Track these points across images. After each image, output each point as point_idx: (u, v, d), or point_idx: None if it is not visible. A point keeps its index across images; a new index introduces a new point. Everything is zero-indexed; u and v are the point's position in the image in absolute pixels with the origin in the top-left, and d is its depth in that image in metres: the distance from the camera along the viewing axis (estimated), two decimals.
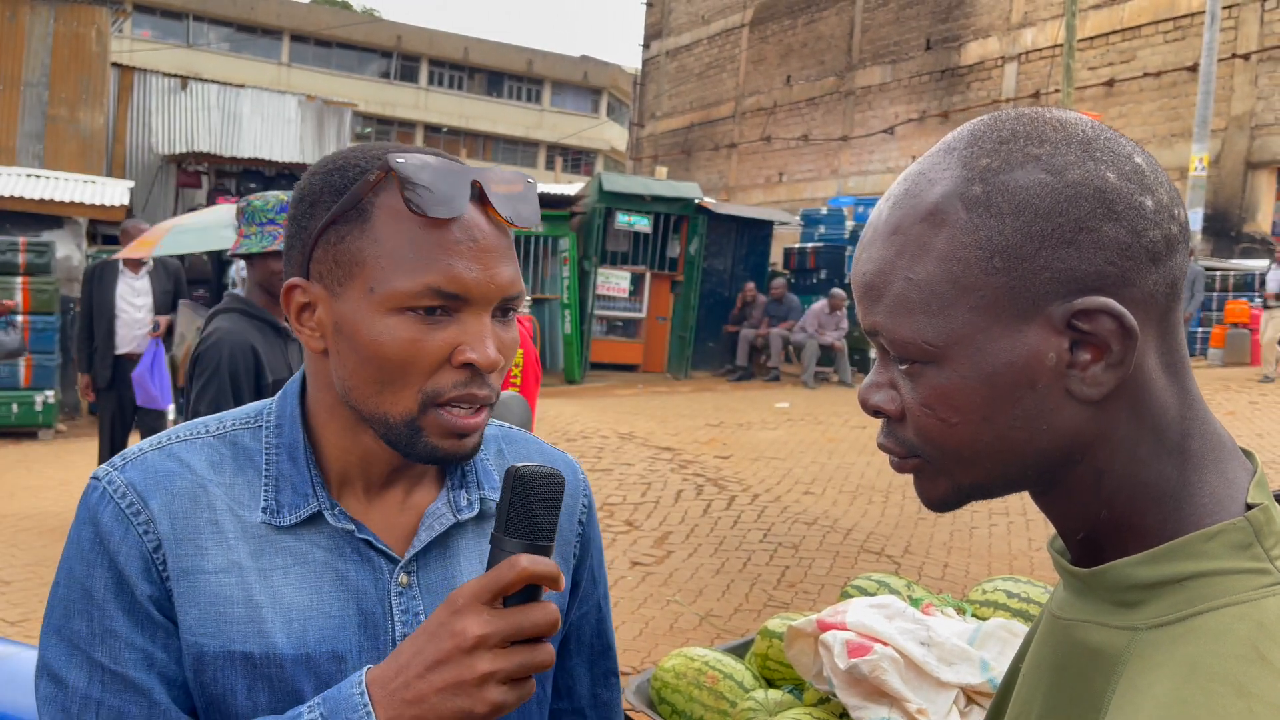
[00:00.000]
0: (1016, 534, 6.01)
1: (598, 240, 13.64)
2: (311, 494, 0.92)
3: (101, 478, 0.90)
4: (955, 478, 0.71)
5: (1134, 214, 0.64)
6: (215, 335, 2.71)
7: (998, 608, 2.25)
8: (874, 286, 0.70)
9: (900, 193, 0.70)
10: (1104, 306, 0.63)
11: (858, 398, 0.74)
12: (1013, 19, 18.71)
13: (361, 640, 0.91)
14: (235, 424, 0.95)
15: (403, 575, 0.93)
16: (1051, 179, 0.64)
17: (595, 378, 13.67)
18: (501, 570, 0.78)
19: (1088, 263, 0.63)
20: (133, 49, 28.65)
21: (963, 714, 1.90)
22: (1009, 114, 0.69)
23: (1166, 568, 0.63)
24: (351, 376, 0.89)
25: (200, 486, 0.91)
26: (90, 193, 11.81)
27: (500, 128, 40.20)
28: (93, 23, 14.74)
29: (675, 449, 8.30)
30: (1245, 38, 15.69)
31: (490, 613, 0.78)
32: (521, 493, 0.80)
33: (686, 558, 5.63)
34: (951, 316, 0.66)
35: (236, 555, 0.89)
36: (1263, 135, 15.50)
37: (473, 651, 0.77)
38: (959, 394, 0.67)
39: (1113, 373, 0.64)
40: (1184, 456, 0.66)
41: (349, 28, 37.75)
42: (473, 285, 0.86)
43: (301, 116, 18.13)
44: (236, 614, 0.88)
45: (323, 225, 0.89)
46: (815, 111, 22.54)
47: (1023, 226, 0.64)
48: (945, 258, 0.66)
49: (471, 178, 0.88)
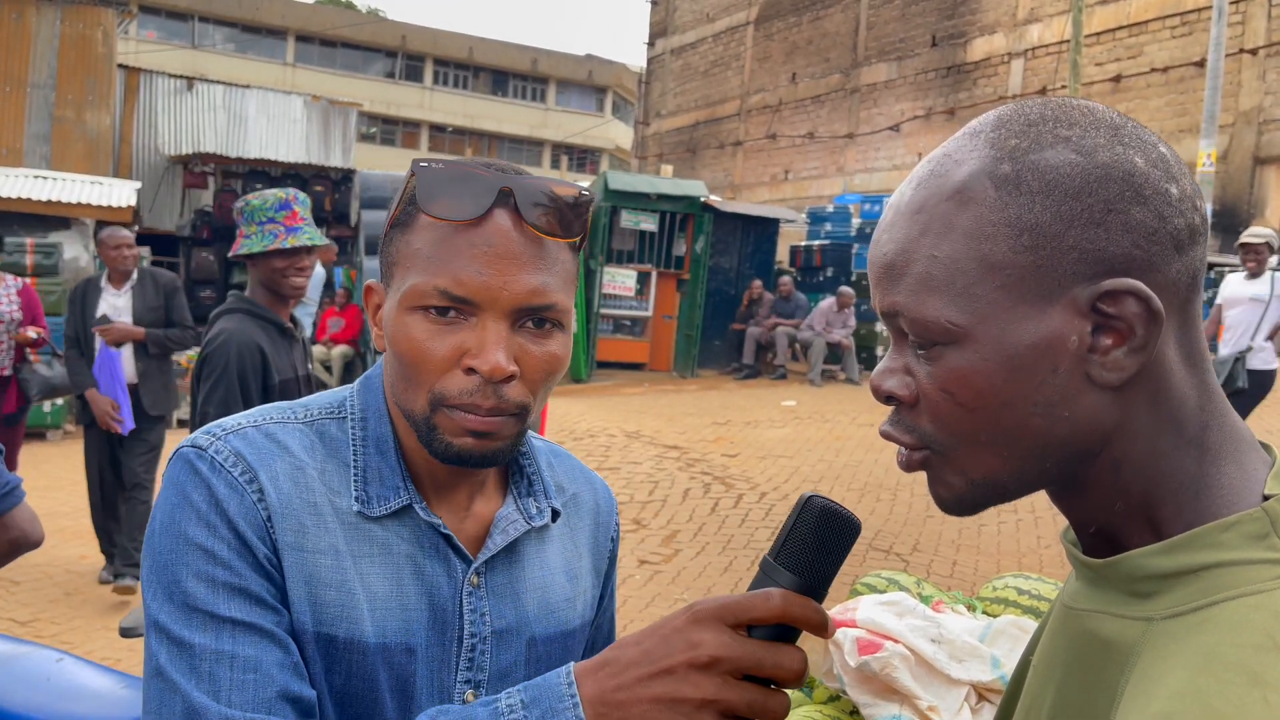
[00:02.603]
0: (1026, 531, 5.99)
1: (603, 239, 13.64)
2: (402, 487, 0.93)
3: (206, 447, 0.89)
4: (968, 472, 0.69)
5: (1161, 200, 0.63)
6: (222, 336, 2.71)
7: (1008, 604, 2.24)
8: (895, 266, 0.69)
9: (925, 173, 0.69)
10: (1131, 288, 0.62)
11: (870, 384, 0.73)
12: (1019, 15, 18.65)
13: (430, 635, 0.92)
14: (320, 413, 0.96)
15: (474, 576, 0.95)
16: (1081, 159, 0.63)
17: (602, 376, 13.66)
18: (756, 599, 0.71)
19: (1115, 245, 0.62)
20: (138, 50, 28.74)
21: (974, 711, 1.89)
22: (1034, 101, 0.69)
23: (1182, 558, 0.63)
24: (390, 372, 0.94)
25: (299, 468, 0.91)
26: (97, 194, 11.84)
27: (505, 127, 40.22)
28: (99, 24, 14.77)
29: (682, 447, 8.29)
30: (1253, 33, 15.62)
31: (733, 636, 0.70)
32: (813, 526, 0.72)
33: (694, 556, 5.63)
34: (976, 295, 0.65)
35: (334, 539, 0.90)
36: (1271, 130, 15.44)
37: (705, 669, 0.70)
38: (979, 376, 0.65)
39: (1135, 358, 0.63)
40: (1203, 448, 0.66)
41: (354, 28, 37.79)
42: (480, 289, 0.86)
43: (307, 116, 18.17)
44: (330, 596, 0.88)
45: (385, 230, 0.94)
46: (821, 109, 22.51)
47: (1052, 205, 0.63)
48: (972, 235, 0.65)
49: (502, 184, 0.88)
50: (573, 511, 1.07)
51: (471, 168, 0.89)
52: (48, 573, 5.39)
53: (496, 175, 0.89)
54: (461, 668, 0.93)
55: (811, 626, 0.72)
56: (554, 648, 1.00)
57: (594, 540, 1.09)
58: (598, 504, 1.11)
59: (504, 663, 0.96)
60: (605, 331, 14.08)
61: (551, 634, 1.00)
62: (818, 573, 0.72)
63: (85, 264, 11.45)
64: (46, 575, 5.36)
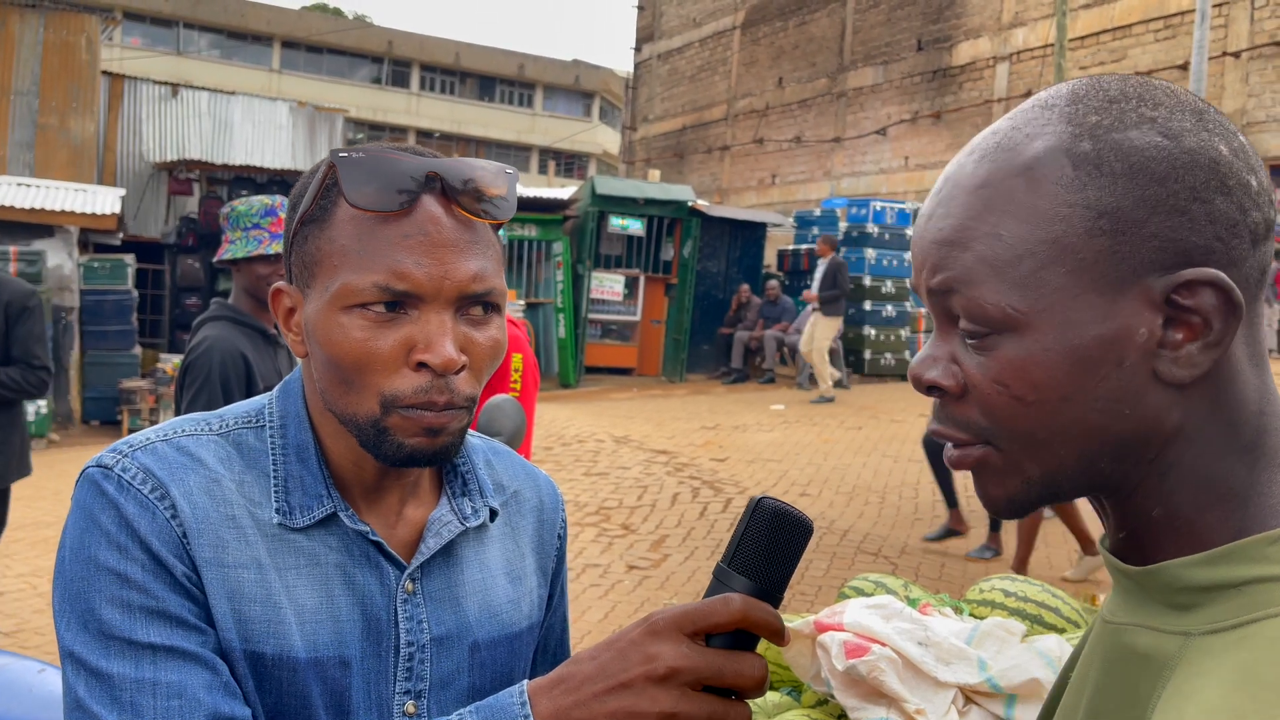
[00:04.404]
0: (1009, 533, 6.01)
1: (591, 244, 13.63)
2: (326, 495, 0.90)
3: (112, 465, 0.85)
4: (1025, 471, 0.64)
5: (1243, 191, 0.60)
6: (205, 344, 2.69)
7: (995, 606, 2.25)
8: (953, 243, 0.63)
9: (990, 145, 0.64)
10: (1212, 278, 0.58)
11: (909, 374, 0.67)
12: (1004, 19, 18.75)
13: (364, 646, 0.89)
14: (237, 422, 0.92)
15: (408, 582, 0.91)
16: (1168, 143, 0.60)
17: (590, 381, 13.65)
18: (714, 605, 0.69)
19: (1198, 235, 0.59)
20: (123, 57, 28.61)
21: (961, 713, 1.89)
22: (1113, 77, 0.65)
23: (1224, 571, 0.59)
24: (322, 378, 0.88)
25: (214, 480, 0.87)
26: (81, 201, 11.79)
27: (492, 132, 40.18)
28: (82, 31, 14.71)
29: (671, 452, 8.29)
30: (1235, 36, 15.74)
31: (691, 646, 0.69)
32: (765, 529, 0.70)
33: (683, 561, 5.62)
34: (1043, 280, 0.60)
35: (256, 552, 0.86)
36: (1254, 132, 15.55)
37: (662, 683, 0.68)
38: (1039, 368, 0.61)
39: (1209, 353, 0.59)
40: (1256, 454, 0.62)
41: (340, 33, 37.72)
42: (424, 281, 0.83)
43: (293, 123, 18.12)
44: (255, 612, 0.85)
45: (294, 227, 0.89)
46: (807, 113, 22.57)
47: (1136, 189, 0.59)
48: (1044, 215, 0.60)
49: (427, 169, 0.85)
50: (514, 510, 1.03)
51: (393, 154, 0.85)
52: (31, 583, 5.35)
53: (420, 160, 0.85)
54: (400, 678, 0.90)
55: (769, 632, 0.70)
56: (499, 652, 0.97)
57: (538, 539, 1.05)
58: (541, 501, 1.07)
59: (445, 670, 0.92)
60: (593, 336, 14.07)
61: (496, 638, 0.96)
62: (773, 576, 0.71)
63: (69, 272, 11.39)
64: (31, 586, 5.32)
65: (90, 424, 11.82)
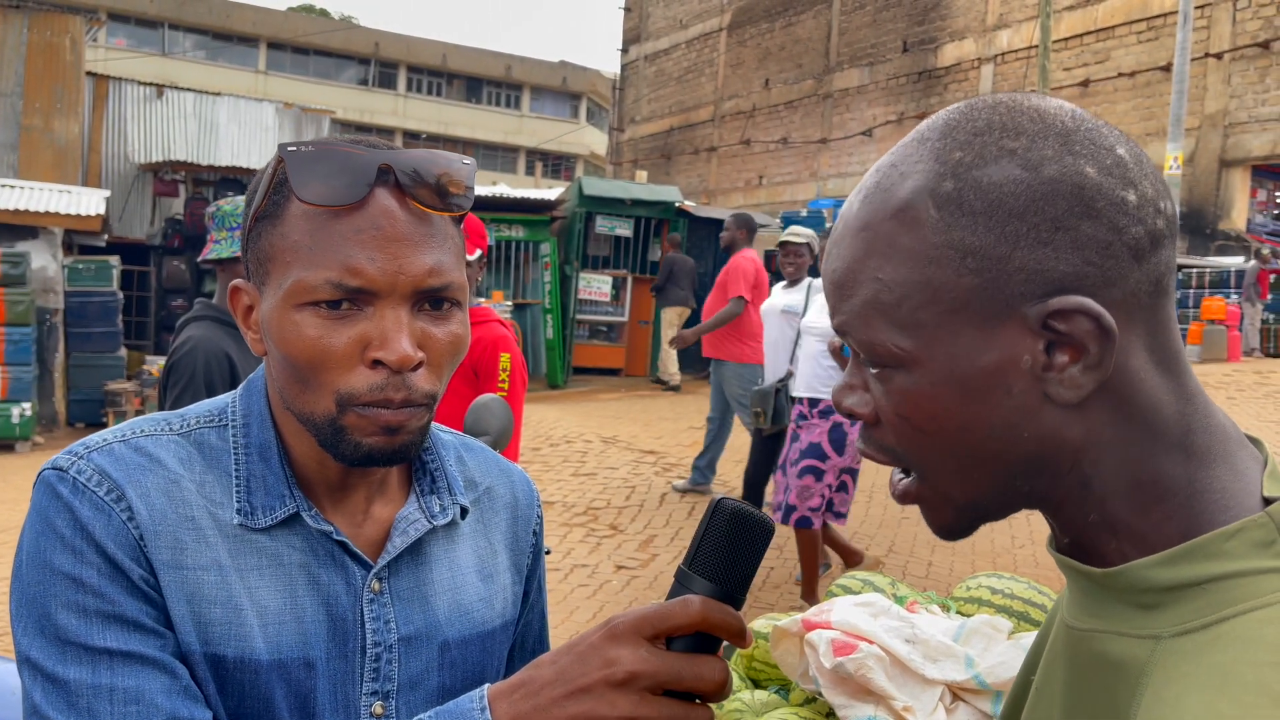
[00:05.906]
0: (999, 531, 6.03)
1: (579, 245, 13.62)
2: (288, 495, 0.88)
3: (67, 468, 0.83)
4: (952, 497, 0.67)
5: (1115, 210, 0.61)
6: (189, 343, 2.67)
7: (982, 604, 2.25)
8: (843, 285, 0.67)
9: (871, 185, 0.67)
10: (1079, 306, 0.60)
11: (831, 398, 0.71)
12: (988, 21, 18.83)
13: (330, 647, 0.88)
14: (198, 421, 0.91)
15: (375, 581, 0.90)
16: (1027, 175, 0.61)
17: (578, 382, 13.64)
18: (674, 607, 0.69)
19: (1065, 263, 0.60)
20: (107, 58, 28.45)
21: (948, 710, 1.90)
22: (986, 101, 0.66)
23: (1186, 569, 0.60)
24: (279, 377, 0.88)
25: (173, 481, 0.86)
26: (66, 202, 11.72)
27: (479, 133, 40.12)
28: (66, 31, 14.62)
29: (659, 452, 8.29)
30: (1218, 37, 15.84)
31: (651, 650, 0.68)
32: (725, 530, 0.71)
33: (671, 561, 5.62)
34: (923, 320, 0.63)
35: (216, 553, 0.85)
36: (1236, 133, 15.65)
37: (621, 687, 0.68)
38: (932, 401, 0.64)
39: (1091, 375, 0.61)
40: (1188, 452, 0.63)
41: (326, 35, 37.60)
42: (377, 276, 0.81)
43: (279, 124, 18.04)
44: (215, 614, 0.83)
45: (249, 223, 0.88)
46: (794, 114, 22.61)
47: (996, 226, 0.61)
48: (917, 257, 0.63)
49: (380, 161, 0.83)
50: (486, 507, 1.02)
51: (344, 146, 0.83)
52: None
53: (372, 152, 0.83)
54: (367, 679, 0.89)
55: (730, 634, 0.70)
56: (470, 651, 0.95)
57: (512, 536, 1.03)
58: (515, 497, 1.05)
59: (414, 670, 0.91)
60: (581, 337, 14.06)
61: (467, 636, 0.95)
62: (734, 578, 0.71)
63: (53, 273, 11.32)
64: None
65: (75, 426, 11.74)
